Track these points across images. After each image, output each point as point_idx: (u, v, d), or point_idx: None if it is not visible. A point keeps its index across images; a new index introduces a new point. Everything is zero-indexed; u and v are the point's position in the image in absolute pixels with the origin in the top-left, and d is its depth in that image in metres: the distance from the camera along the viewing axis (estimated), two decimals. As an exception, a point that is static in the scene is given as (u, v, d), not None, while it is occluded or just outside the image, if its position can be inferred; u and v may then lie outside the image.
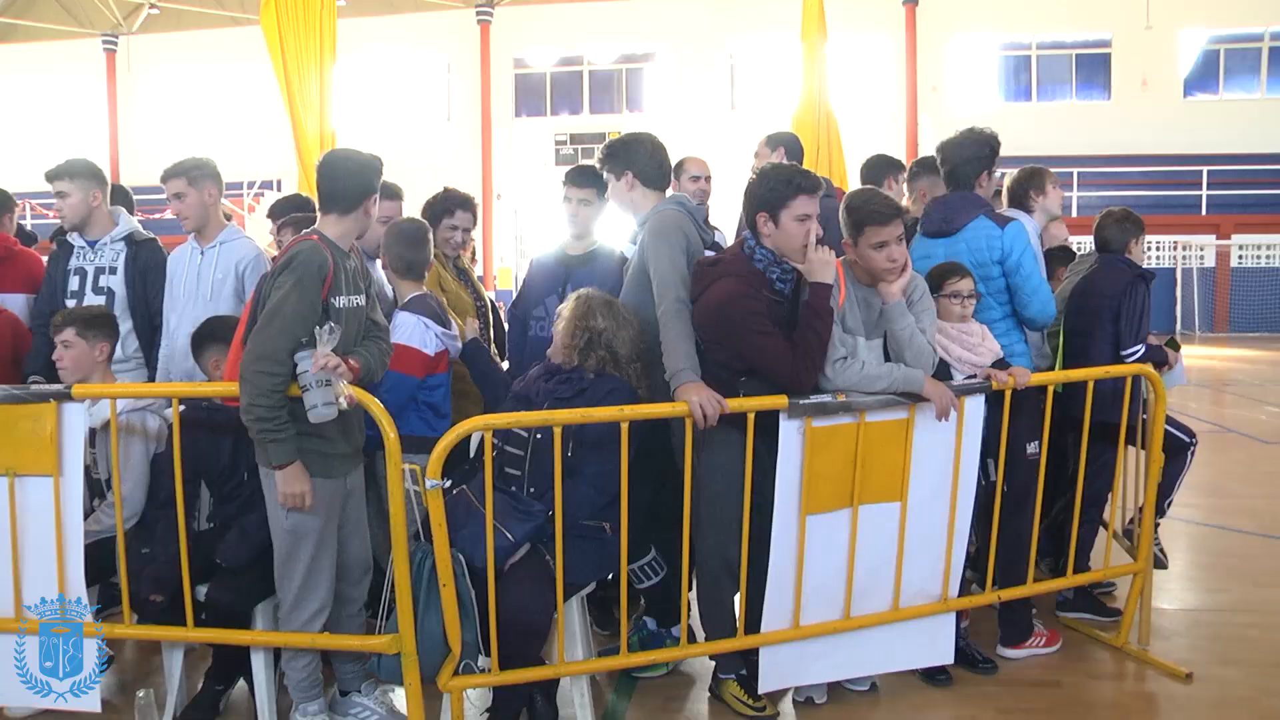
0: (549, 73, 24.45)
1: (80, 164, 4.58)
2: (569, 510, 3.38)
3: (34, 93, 26.33)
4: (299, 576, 3.37)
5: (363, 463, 3.60)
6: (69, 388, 3.43)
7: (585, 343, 3.64)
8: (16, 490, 3.46)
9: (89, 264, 4.54)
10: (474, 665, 3.29)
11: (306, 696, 3.50)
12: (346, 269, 3.39)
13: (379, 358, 3.47)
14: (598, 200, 4.35)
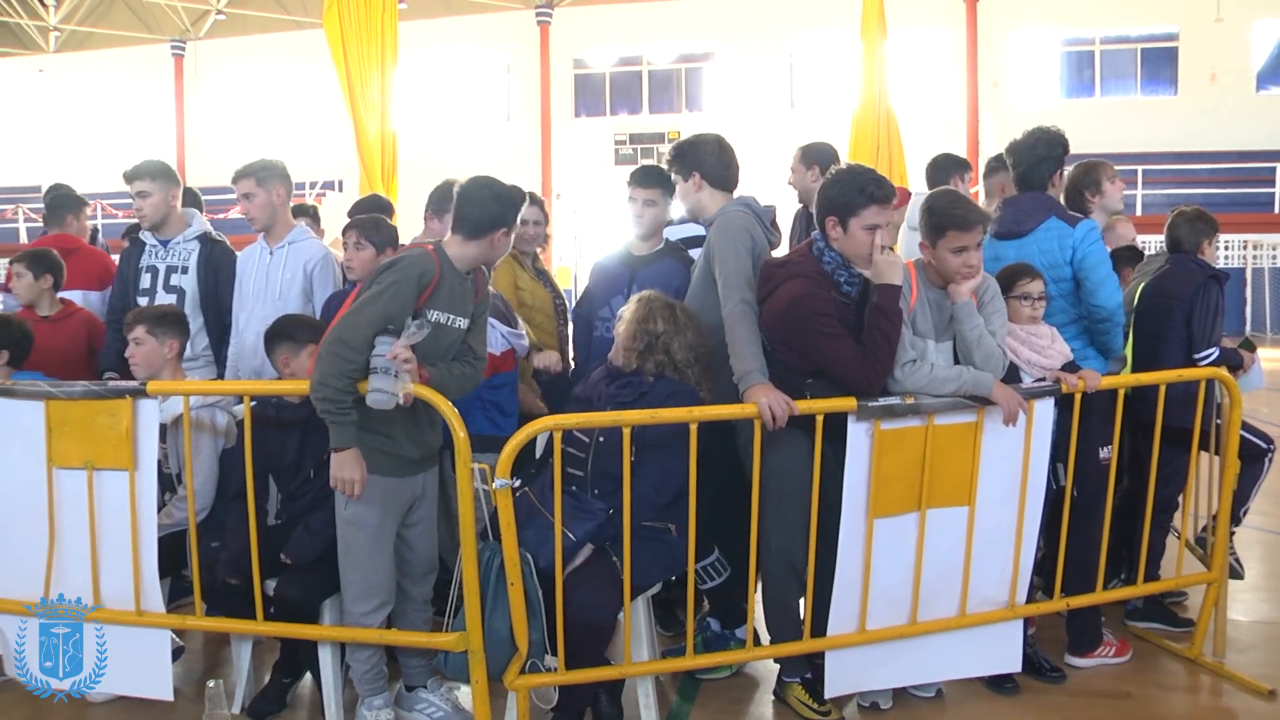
0: (608, 73, 24.47)
1: (159, 165, 4.70)
2: (638, 506, 3.39)
3: (106, 97, 26.96)
4: (357, 569, 3.43)
5: (435, 466, 3.62)
6: (144, 384, 3.51)
7: (645, 346, 3.64)
8: (94, 484, 3.55)
9: (160, 262, 4.64)
10: (540, 664, 3.31)
11: (371, 690, 3.55)
12: (454, 287, 3.40)
13: (458, 381, 3.44)
14: (663, 200, 4.34)
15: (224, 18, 25.41)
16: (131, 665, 3.67)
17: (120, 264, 4.73)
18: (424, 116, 22.33)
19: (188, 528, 3.75)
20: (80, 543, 3.59)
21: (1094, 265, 4.00)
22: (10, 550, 3.73)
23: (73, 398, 3.57)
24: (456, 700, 3.72)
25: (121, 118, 26.77)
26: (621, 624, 3.46)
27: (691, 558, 3.49)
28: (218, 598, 3.67)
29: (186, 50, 26.30)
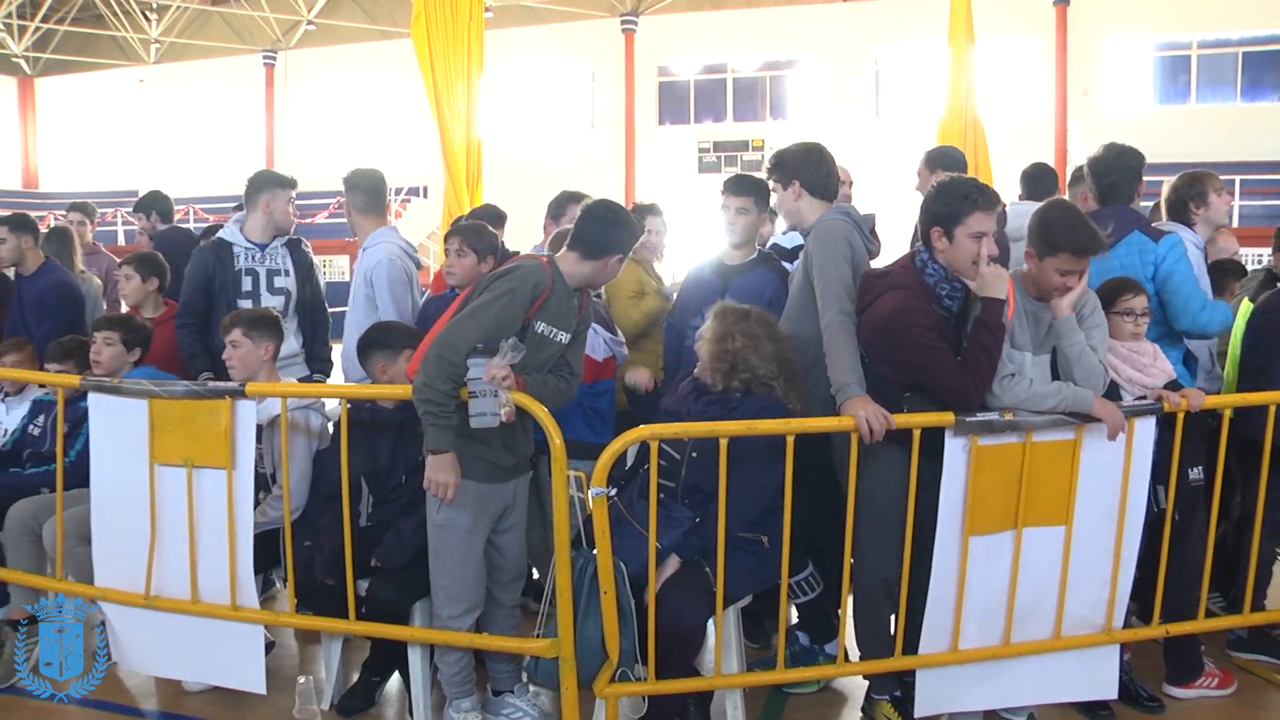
0: (692, 80, 24.46)
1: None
2: (732, 518, 3.36)
3: (201, 106, 27.79)
4: (446, 573, 3.46)
5: (528, 472, 3.65)
6: (243, 385, 3.60)
7: (729, 367, 3.61)
8: (193, 481, 3.65)
9: (260, 266, 4.74)
10: (630, 673, 3.32)
11: (459, 693, 3.58)
12: (562, 302, 3.44)
13: (553, 393, 3.47)
14: (755, 209, 4.32)
15: (314, 28, 26.00)
16: (226, 658, 3.78)
17: (202, 267, 4.74)
18: (509, 124, 22.56)
19: (280, 526, 3.84)
20: (179, 538, 3.70)
21: (1178, 285, 3.93)
22: (116, 542, 3.87)
23: (174, 397, 3.68)
24: (543, 706, 3.74)
25: (215, 125, 27.57)
26: (711, 634, 3.44)
27: (785, 571, 3.45)
28: (310, 596, 3.74)
29: (277, 60, 26.99)
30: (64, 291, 5.63)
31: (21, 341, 5.08)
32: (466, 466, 3.39)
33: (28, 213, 6.03)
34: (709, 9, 23.74)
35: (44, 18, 27.16)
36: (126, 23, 27.11)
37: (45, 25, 27.39)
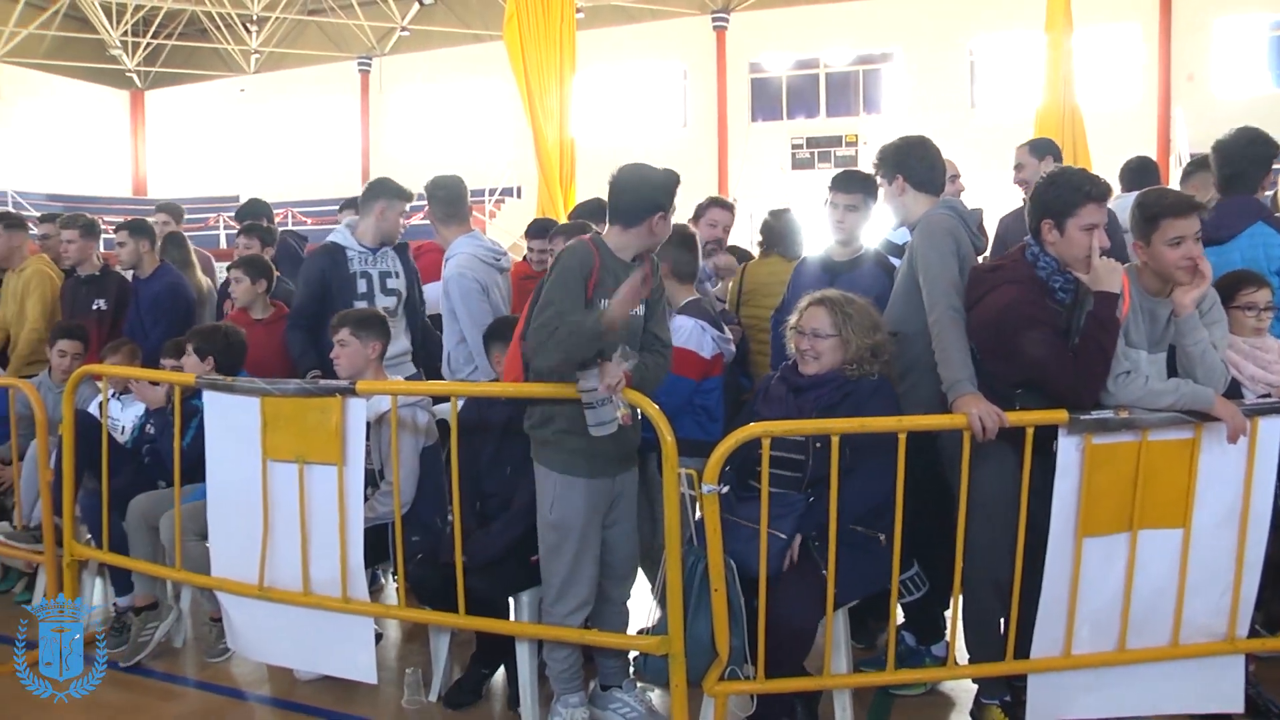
0: (784, 76, 24.17)
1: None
2: (847, 506, 3.32)
3: (299, 113, 28.52)
4: (561, 571, 3.48)
5: (635, 466, 3.64)
6: (353, 383, 3.69)
7: (870, 354, 3.56)
8: (305, 476, 3.76)
9: (372, 268, 4.86)
10: (739, 671, 3.29)
11: (567, 688, 3.60)
12: (619, 275, 3.41)
13: (653, 371, 3.47)
14: (864, 206, 4.27)
15: (408, 34, 26.45)
16: (337, 648, 3.88)
17: (317, 270, 4.87)
18: (601, 123, 22.64)
19: (386, 522, 3.92)
20: (291, 531, 3.82)
21: None
22: (231, 534, 4.01)
23: (286, 395, 3.80)
24: (650, 703, 3.74)
25: (312, 131, 28.26)
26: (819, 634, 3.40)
27: (896, 569, 3.40)
28: (419, 589, 3.81)
29: (372, 66, 27.53)
30: (177, 293, 5.85)
31: (125, 342, 5.27)
32: (575, 464, 3.43)
33: (145, 218, 6.26)
34: (801, 4, 23.45)
35: (154, 34, 28.21)
36: (229, 35, 27.97)
37: (155, 41, 28.42)
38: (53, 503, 4.60)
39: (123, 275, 6.08)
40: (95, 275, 5.99)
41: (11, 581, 5.49)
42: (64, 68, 27.85)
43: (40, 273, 6.12)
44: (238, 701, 4.09)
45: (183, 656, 4.55)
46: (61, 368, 5.22)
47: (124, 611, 4.61)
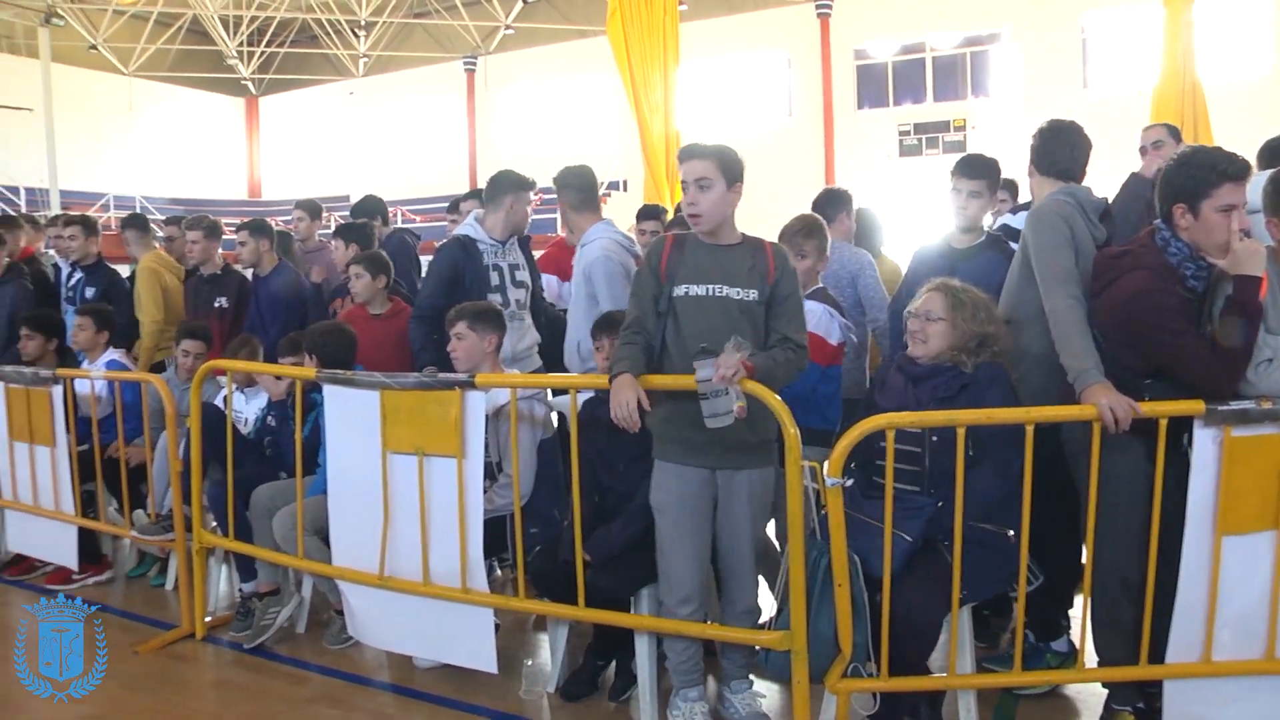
0: (890, 62, 23.64)
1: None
2: (972, 504, 3.20)
3: (406, 113, 29.18)
4: (662, 559, 3.47)
5: (754, 465, 3.45)
6: (473, 376, 3.72)
7: (977, 344, 3.45)
8: (424, 468, 3.80)
9: (502, 261, 4.91)
10: (862, 669, 3.21)
11: (686, 682, 3.56)
12: (700, 258, 3.38)
13: (784, 368, 3.33)
14: (987, 193, 4.15)
15: (512, 32, 26.80)
16: (457, 637, 3.92)
17: (450, 262, 4.89)
18: (706, 115, 22.55)
19: (506, 513, 3.95)
20: (411, 522, 3.87)
21: None
22: (353, 525, 4.09)
23: (405, 388, 3.84)
24: (760, 706, 3.68)
25: (420, 131, 28.88)
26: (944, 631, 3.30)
27: (1024, 568, 3.27)
28: (538, 581, 3.82)
29: (478, 65, 27.97)
30: (294, 291, 6.01)
31: (247, 338, 5.45)
32: (667, 449, 3.42)
33: (264, 219, 6.45)
34: (906, -12, 22.99)
35: (268, 43, 29.28)
36: (338, 41, 28.80)
37: (269, 50, 29.45)
38: (182, 492, 4.77)
39: (243, 274, 6.28)
40: (217, 274, 6.22)
41: (147, 566, 5.74)
42: (185, 79, 29.28)
43: (148, 269, 6.42)
44: (359, 686, 4.17)
45: (305, 641, 4.68)
46: (186, 366, 5.44)
47: (248, 597, 4.76)
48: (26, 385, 5.35)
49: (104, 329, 5.82)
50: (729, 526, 3.48)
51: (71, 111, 24.38)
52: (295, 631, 4.74)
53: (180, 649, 4.62)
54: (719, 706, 3.70)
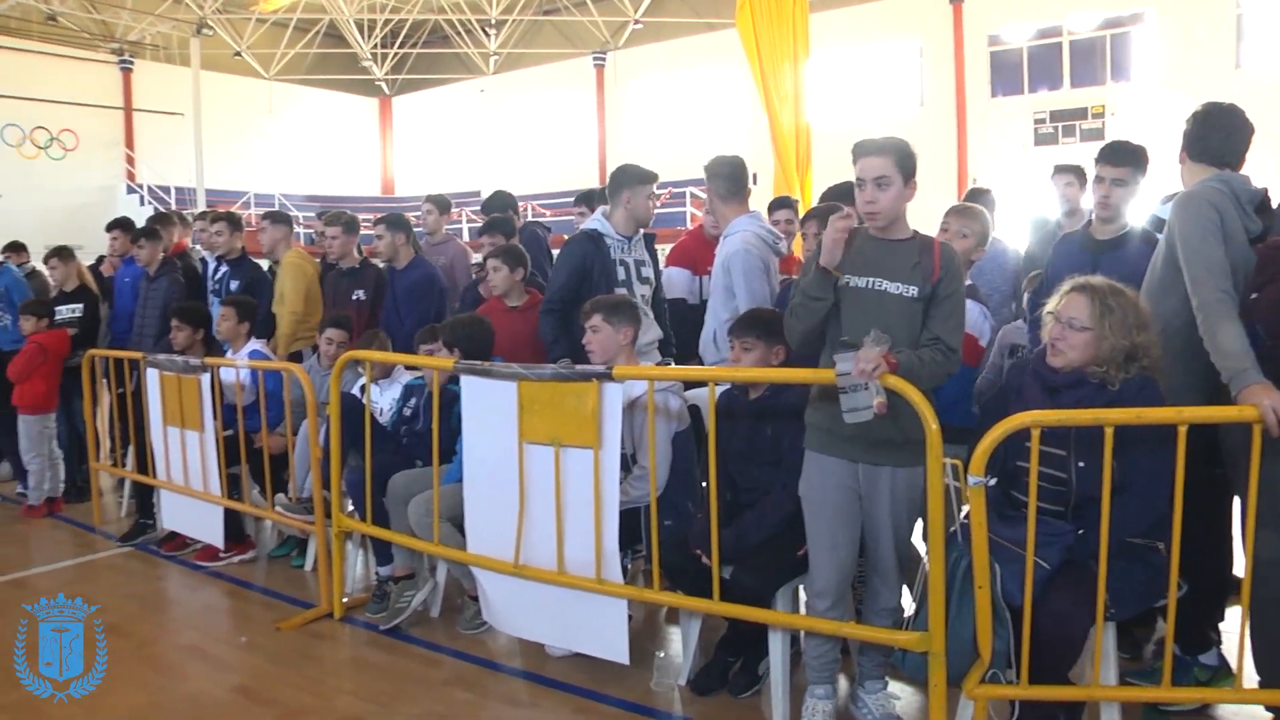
0: (1025, 48, 22.71)
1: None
2: (1119, 525, 3.02)
3: (536, 109, 29.59)
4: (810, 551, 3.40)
5: (906, 463, 3.31)
6: (610, 368, 3.71)
7: (1125, 356, 3.18)
8: (560, 459, 3.81)
9: (628, 256, 4.92)
10: (1000, 675, 3.08)
11: (819, 679, 3.51)
12: (866, 249, 3.28)
13: (929, 369, 3.19)
14: (1133, 180, 3.92)
15: (641, 27, 26.90)
16: (590, 627, 3.93)
17: (580, 256, 4.91)
18: (836, 106, 22.22)
19: (639, 505, 3.93)
20: (547, 512, 3.89)
21: None
22: (488, 513, 4.14)
23: (542, 380, 3.86)
24: (893, 708, 3.60)
25: (550, 126, 29.24)
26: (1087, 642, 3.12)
27: (1174, 579, 3.05)
28: (672, 573, 3.79)
29: (607, 60, 28.19)
30: (430, 283, 6.13)
31: (375, 332, 5.58)
32: (812, 438, 3.38)
33: (401, 213, 6.59)
34: (1042, -29, 22.11)
35: (400, 44, 30.14)
36: (468, 40, 29.44)
37: (401, 51, 30.32)
38: (322, 478, 4.91)
39: (380, 267, 6.43)
40: (355, 268, 6.40)
41: (288, 547, 5.96)
42: (322, 81, 30.38)
43: (293, 263, 6.65)
44: (491, 671, 4.23)
45: (439, 625, 4.78)
46: (329, 354, 5.61)
47: (384, 580, 4.88)
48: (178, 373, 5.62)
49: (245, 320, 6.06)
50: (871, 523, 3.40)
51: (217, 115, 25.67)
52: (429, 615, 4.85)
53: (319, 627, 4.79)
54: (851, 706, 3.64)
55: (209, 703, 4.01)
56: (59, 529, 6.85)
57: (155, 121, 26.72)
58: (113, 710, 3.94)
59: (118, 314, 7.54)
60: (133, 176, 26.43)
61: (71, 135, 25.80)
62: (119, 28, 26.34)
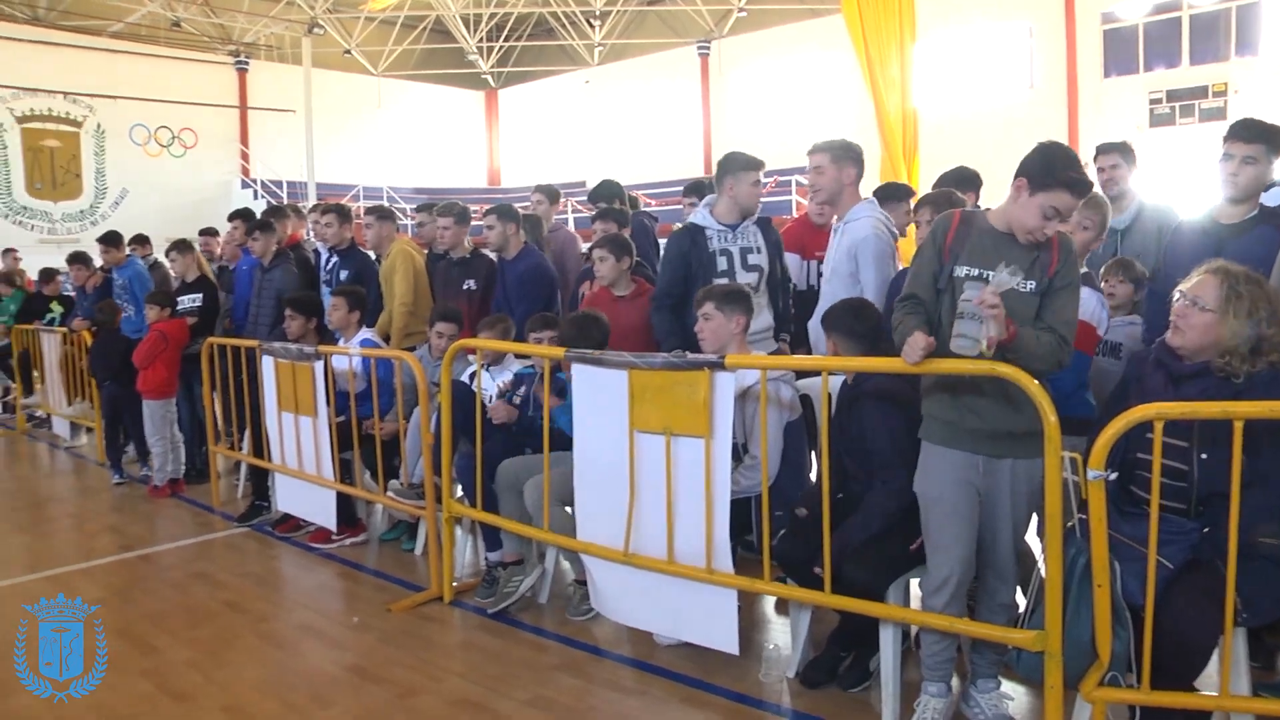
0: (1141, 24, 21.56)
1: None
2: (1248, 522, 2.84)
3: (640, 99, 29.66)
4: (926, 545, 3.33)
5: (1026, 455, 3.19)
6: (722, 357, 3.67)
7: (1250, 349, 3.01)
8: (671, 448, 3.79)
9: (733, 245, 4.86)
10: (1120, 679, 2.95)
11: (934, 676, 3.44)
12: (983, 243, 3.19)
13: (1045, 349, 3.08)
14: (1266, 159, 3.71)
15: (745, 14, 26.71)
16: (700, 617, 3.91)
17: (677, 251, 4.90)
18: (943, 91, 21.73)
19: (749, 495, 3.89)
20: (657, 501, 3.88)
21: None
22: (598, 501, 4.15)
23: (653, 368, 3.84)
24: (1006, 708, 3.50)
25: (654, 116, 29.25)
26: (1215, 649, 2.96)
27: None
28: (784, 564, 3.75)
29: (711, 49, 28.06)
30: (540, 273, 6.18)
31: (501, 316, 5.61)
32: (931, 429, 3.30)
33: (513, 204, 6.65)
34: (1160, -60, 21.09)
35: (506, 38, 30.55)
36: (573, 32, 29.66)
37: (507, 44, 30.73)
38: (433, 464, 4.99)
39: (490, 257, 6.50)
40: (466, 258, 6.47)
41: (399, 532, 6.08)
42: (429, 75, 30.96)
43: (402, 253, 6.74)
44: (598, 658, 4.25)
45: (547, 611, 4.83)
46: (439, 347, 5.70)
47: (494, 566, 4.94)
48: (292, 360, 5.76)
49: (356, 309, 6.19)
50: (989, 517, 3.30)
51: (327, 111, 26.58)
52: (538, 601, 4.90)
53: (429, 610, 4.87)
54: (963, 705, 3.55)
55: (324, 679, 4.12)
56: (180, 508, 7.17)
57: (269, 118, 27.72)
58: (237, 683, 4.09)
59: (236, 302, 7.81)
60: (247, 172, 27.36)
61: (191, 134, 26.87)
62: (235, 30, 27.30)
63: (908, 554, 3.49)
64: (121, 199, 25.37)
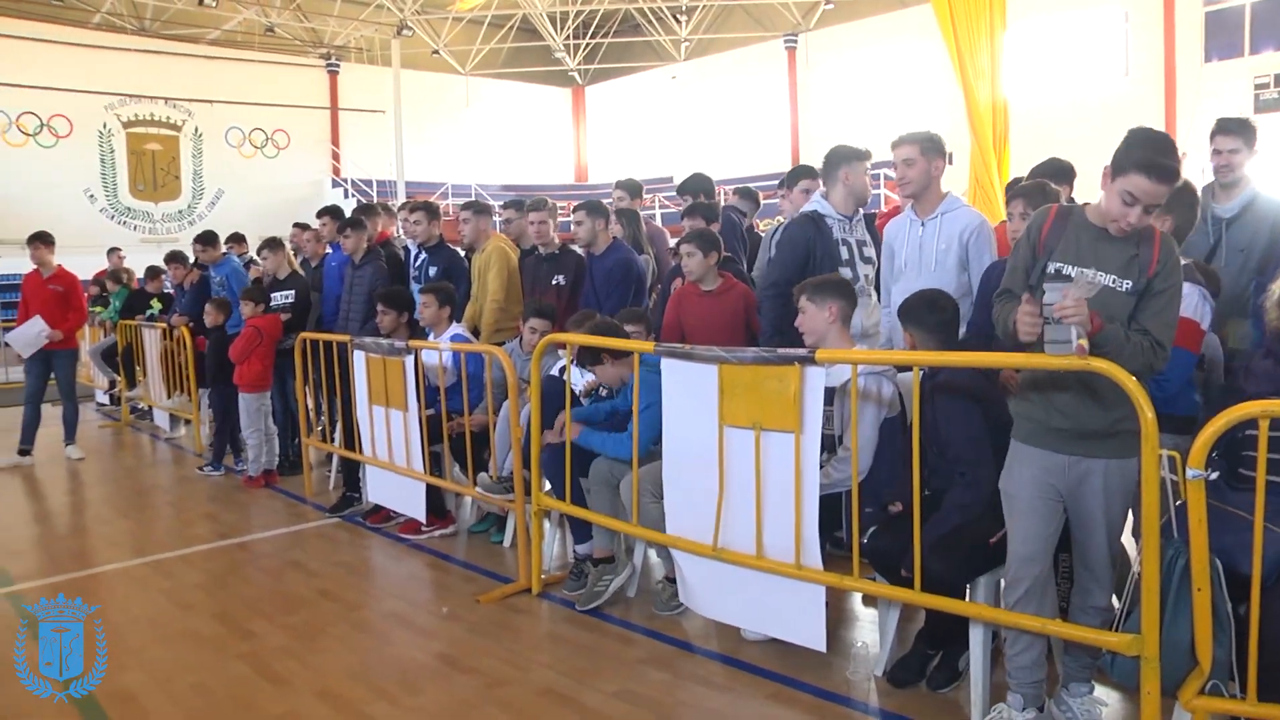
0: (1247, 5, 20.58)
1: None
2: None
3: (727, 94, 29.49)
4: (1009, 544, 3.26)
5: (1120, 454, 3.09)
6: (813, 351, 3.63)
7: None
8: (760, 443, 3.77)
9: (850, 236, 4.84)
10: (1222, 687, 2.83)
11: (1020, 682, 3.32)
12: (1082, 240, 3.09)
13: (1134, 350, 2.98)
14: None
15: (832, 6, 26.37)
16: (788, 613, 3.89)
17: (802, 238, 4.81)
18: (1034, 81, 21.19)
19: (841, 490, 3.85)
20: (746, 496, 3.87)
21: None
22: (687, 495, 4.15)
23: (743, 363, 3.82)
24: (1099, 715, 3.40)
25: (741, 111, 29.08)
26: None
27: None
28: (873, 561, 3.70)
29: (798, 42, 27.78)
30: (628, 268, 6.19)
31: (590, 313, 5.63)
32: (1019, 428, 3.24)
33: (601, 200, 6.68)
34: (1270, -88, 20.14)
35: (592, 35, 30.72)
36: (659, 27, 29.70)
37: (593, 41, 30.89)
38: (522, 457, 5.03)
39: (579, 252, 6.54)
40: (554, 253, 6.53)
41: (487, 524, 6.18)
42: (516, 74, 31.28)
43: (498, 249, 6.84)
44: (686, 653, 4.26)
45: (635, 605, 4.85)
46: (531, 342, 5.74)
47: (582, 559, 4.97)
48: (383, 355, 5.88)
49: (445, 305, 6.29)
50: (1080, 517, 3.22)
51: (416, 110, 27.16)
52: (626, 595, 4.93)
53: (517, 601, 4.93)
54: (1054, 707, 3.45)
55: (415, 667, 4.19)
56: (274, 499, 7.38)
57: (359, 119, 28.33)
58: (330, 669, 4.20)
59: (325, 297, 8.01)
60: (338, 171, 27.97)
61: (284, 135, 27.56)
62: (326, 34, 27.92)
63: (987, 550, 3.43)
64: (217, 199, 26.17)
